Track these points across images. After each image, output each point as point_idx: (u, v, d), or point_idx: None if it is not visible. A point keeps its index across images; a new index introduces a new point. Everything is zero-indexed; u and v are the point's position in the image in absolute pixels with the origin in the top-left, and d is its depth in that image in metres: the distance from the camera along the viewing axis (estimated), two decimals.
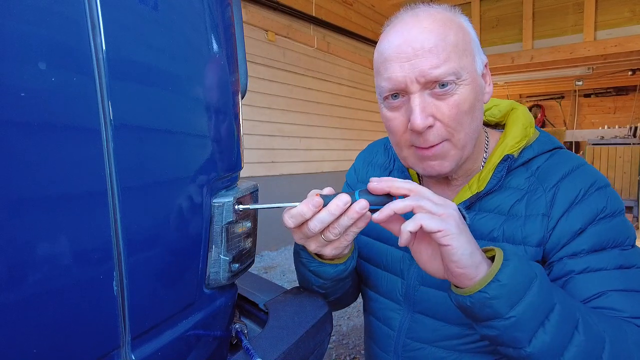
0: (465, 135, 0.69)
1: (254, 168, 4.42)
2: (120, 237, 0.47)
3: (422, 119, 0.65)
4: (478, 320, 0.58)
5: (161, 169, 0.53)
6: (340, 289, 0.85)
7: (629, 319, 0.62)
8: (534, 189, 0.72)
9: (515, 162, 0.74)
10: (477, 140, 0.74)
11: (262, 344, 0.67)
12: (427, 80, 0.64)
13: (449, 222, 0.54)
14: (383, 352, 0.85)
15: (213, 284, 0.64)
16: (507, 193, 0.74)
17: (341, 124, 5.84)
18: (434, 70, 0.64)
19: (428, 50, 0.64)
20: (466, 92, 0.66)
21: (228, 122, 0.65)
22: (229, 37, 0.66)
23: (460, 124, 0.67)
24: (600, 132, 9.38)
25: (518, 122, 0.77)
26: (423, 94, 0.66)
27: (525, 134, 0.75)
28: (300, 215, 0.60)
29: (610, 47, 5.22)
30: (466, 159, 0.73)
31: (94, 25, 0.43)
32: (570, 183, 0.70)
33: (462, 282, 0.56)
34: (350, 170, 1.01)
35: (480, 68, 0.71)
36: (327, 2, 5.42)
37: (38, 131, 0.39)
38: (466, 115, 0.67)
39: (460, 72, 0.65)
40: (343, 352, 2.57)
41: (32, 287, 0.39)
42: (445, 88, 0.65)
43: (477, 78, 0.69)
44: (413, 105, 0.66)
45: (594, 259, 0.66)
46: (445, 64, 0.64)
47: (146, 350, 0.53)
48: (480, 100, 0.71)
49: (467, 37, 0.69)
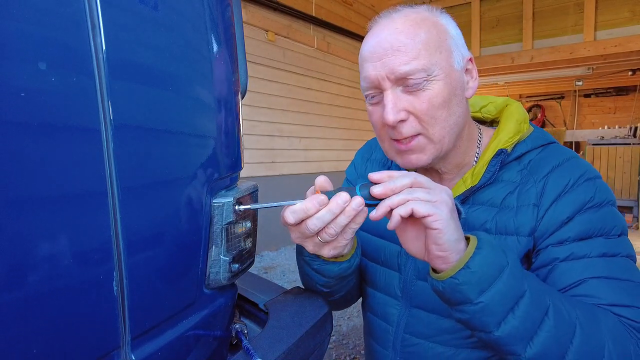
0: (440, 129, 0.71)
1: (254, 168, 4.42)
2: (120, 237, 0.47)
3: (393, 113, 0.69)
4: (451, 304, 0.61)
5: (161, 169, 0.53)
6: (345, 287, 0.85)
7: (607, 306, 0.63)
8: (525, 181, 0.74)
9: (509, 156, 0.76)
10: (461, 134, 0.77)
11: (262, 344, 0.67)
12: (397, 77, 0.69)
13: (441, 208, 0.57)
14: (382, 348, 0.86)
15: (213, 284, 0.64)
16: (500, 186, 0.75)
17: (341, 124, 5.84)
18: (402, 67, 0.68)
19: (397, 49, 0.68)
20: (438, 87, 0.69)
21: (228, 122, 0.65)
22: (229, 37, 0.66)
23: (433, 118, 0.70)
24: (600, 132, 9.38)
25: (512, 117, 0.79)
26: (395, 90, 0.70)
27: (518, 130, 0.77)
28: (303, 212, 0.61)
29: (610, 47, 5.22)
30: (447, 152, 0.75)
31: (94, 25, 0.43)
32: (560, 174, 0.72)
33: (439, 265, 0.59)
34: (350, 167, 1.03)
35: (459, 64, 0.73)
36: (327, 2, 5.42)
37: (38, 131, 0.39)
38: (440, 109, 0.70)
39: (431, 69, 0.68)
40: (343, 352, 2.57)
41: (32, 287, 0.39)
42: (416, 84, 0.68)
43: (453, 73, 0.71)
44: (385, 101, 0.70)
45: (579, 246, 0.67)
46: (414, 61, 0.68)
47: (146, 351, 0.53)
48: (459, 95, 0.73)
49: (442, 34, 0.71)
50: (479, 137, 0.82)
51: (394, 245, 0.84)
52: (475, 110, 0.88)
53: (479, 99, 0.89)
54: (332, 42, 5.59)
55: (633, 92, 10.00)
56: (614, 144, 7.30)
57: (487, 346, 0.64)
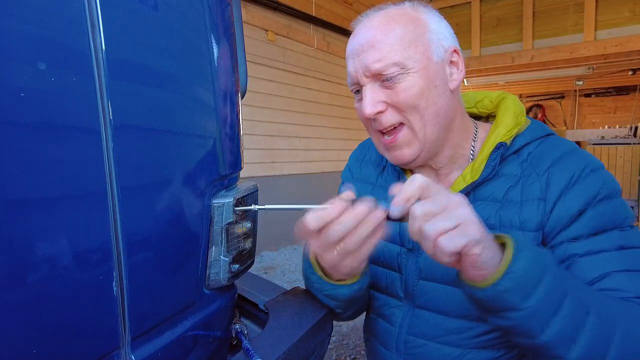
0: (421, 118, 0.72)
1: (254, 168, 4.42)
2: (120, 237, 0.47)
3: (370, 106, 0.72)
4: (492, 312, 0.58)
5: (161, 169, 0.53)
6: (355, 305, 0.84)
7: (634, 299, 0.63)
8: (527, 174, 0.73)
9: (508, 149, 0.76)
10: (451, 127, 0.77)
11: (262, 344, 0.67)
12: (372, 72, 0.71)
13: (470, 229, 0.53)
14: (385, 350, 0.85)
15: (213, 284, 0.64)
16: (501, 180, 0.75)
17: (341, 124, 5.84)
18: (375, 64, 0.70)
19: (371, 45, 0.71)
20: (414, 79, 0.71)
21: (228, 122, 0.65)
22: (229, 37, 0.66)
23: (412, 107, 0.72)
24: (600, 132, 9.37)
25: (509, 110, 0.79)
26: (374, 84, 0.73)
27: (516, 122, 0.77)
28: (327, 216, 0.58)
29: (610, 47, 5.22)
30: (435, 145, 0.75)
31: (93, 25, 0.43)
32: (563, 166, 0.71)
33: (475, 276, 0.56)
34: (345, 170, 1.02)
35: (439, 56, 0.73)
36: (327, 2, 5.41)
37: (38, 131, 0.39)
38: (417, 99, 0.71)
39: (404, 63, 0.70)
40: (343, 352, 2.57)
41: (32, 287, 0.39)
42: (391, 77, 0.70)
43: (430, 65, 0.72)
44: (363, 95, 0.73)
45: (595, 241, 0.67)
46: (387, 56, 0.70)
47: (146, 351, 0.53)
48: (440, 86, 0.73)
49: (419, 28, 0.72)
50: (474, 131, 0.81)
51: (393, 245, 0.83)
52: (471, 105, 0.88)
53: (473, 94, 0.89)
54: (332, 42, 5.59)
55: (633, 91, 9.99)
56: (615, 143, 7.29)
57: (526, 351, 0.62)
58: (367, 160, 0.97)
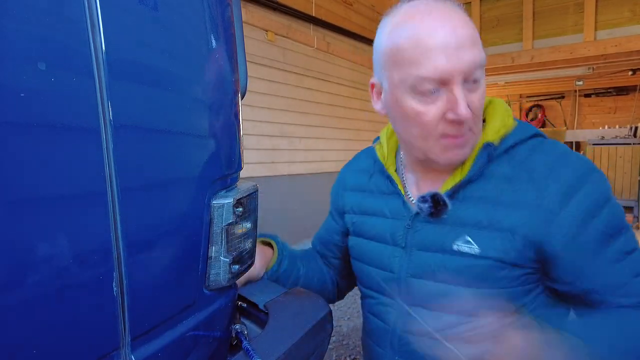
0: (480, 124, 0.74)
1: (254, 168, 4.42)
2: (120, 237, 0.47)
3: (467, 108, 0.66)
4: None
5: (161, 169, 0.53)
6: (294, 276, 0.97)
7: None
8: (518, 177, 0.73)
9: (497, 149, 0.76)
10: None
11: (262, 344, 0.67)
12: (471, 72, 0.66)
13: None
14: (379, 348, 0.86)
15: (213, 285, 0.64)
16: (492, 181, 0.75)
17: (341, 124, 5.83)
18: (475, 63, 0.66)
19: (472, 43, 0.65)
20: (484, 83, 0.70)
21: (228, 122, 0.65)
22: (229, 37, 0.66)
23: (480, 114, 0.73)
24: (600, 132, 9.36)
25: (496, 114, 0.80)
26: (460, 85, 0.66)
27: (504, 123, 0.78)
28: None
29: (610, 47, 5.21)
30: None
31: (93, 25, 0.43)
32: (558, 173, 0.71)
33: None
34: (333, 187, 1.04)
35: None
36: (327, 2, 5.41)
37: (38, 131, 0.39)
38: (482, 106, 0.72)
39: (484, 64, 0.69)
40: (343, 352, 2.56)
41: (32, 288, 0.39)
42: (477, 80, 0.68)
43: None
44: (457, 96, 0.66)
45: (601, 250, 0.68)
46: (479, 56, 0.67)
47: (146, 351, 0.52)
48: None
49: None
50: None
51: (386, 246, 0.84)
52: None
53: None
54: (332, 42, 5.59)
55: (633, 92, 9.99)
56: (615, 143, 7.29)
57: None
58: (357, 169, 0.99)
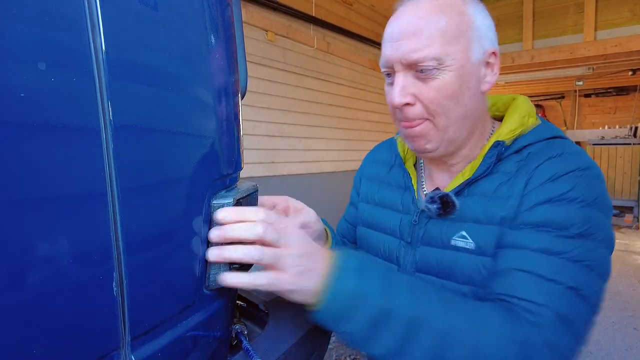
0: (446, 120, 0.71)
1: (254, 168, 4.42)
2: (120, 238, 0.47)
3: (399, 96, 0.70)
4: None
5: (161, 169, 0.53)
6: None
7: (518, 300, 0.60)
8: (519, 172, 0.72)
9: (509, 149, 0.75)
10: (474, 129, 0.76)
11: (262, 344, 0.67)
12: (407, 62, 0.69)
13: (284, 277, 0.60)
14: None
15: (213, 285, 0.64)
16: (495, 177, 0.75)
17: (341, 124, 5.83)
18: (412, 54, 0.68)
19: (412, 34, 0.68)
20: (449, 77, 0.68)
21: (228, 122, 0.65)
22: (229, 37, 0.66)
23: (441, 107, 0.70)
24: (600, 132, 9.37)
25: (515, 112, 0.79)
26: (407, 74, 0.71)
27: (521, 123, 0.76)
28: None
29: (610, 47, 5.22)
30: (455, 144, 0.75)
31: (93, 25, 0.43)
32: (551, 164, 0.69)
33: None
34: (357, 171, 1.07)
35: (477, 56, 0.71)
36: (327, 2, 5.41)
37: (38, 131, 0.39)
38: (448, 100, 0.69)
39: (443, 58, 0.67)
40: (343, 352, 2.56)
41: (32, 288, 0.39)
42: (427, 71, 0.68)
43: (467, 65, 0.70)
44: (395, 84, 0.72)
45: (526, 235, 0.65)
46: (426, 48, 0.67)
47: (146, 351, 0.52)
48: (473, 88, 0.72)
49: (463, 25, 0.69)
50: (491, 131, 0.82)
51: (393, 239, 0.86)
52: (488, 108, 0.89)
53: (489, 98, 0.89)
54: (332, 42, 5.59)
55: (633, 92, 9.99)
56: (615, 144, 7.29)
57: None
58: (377, 160, 1.01)
